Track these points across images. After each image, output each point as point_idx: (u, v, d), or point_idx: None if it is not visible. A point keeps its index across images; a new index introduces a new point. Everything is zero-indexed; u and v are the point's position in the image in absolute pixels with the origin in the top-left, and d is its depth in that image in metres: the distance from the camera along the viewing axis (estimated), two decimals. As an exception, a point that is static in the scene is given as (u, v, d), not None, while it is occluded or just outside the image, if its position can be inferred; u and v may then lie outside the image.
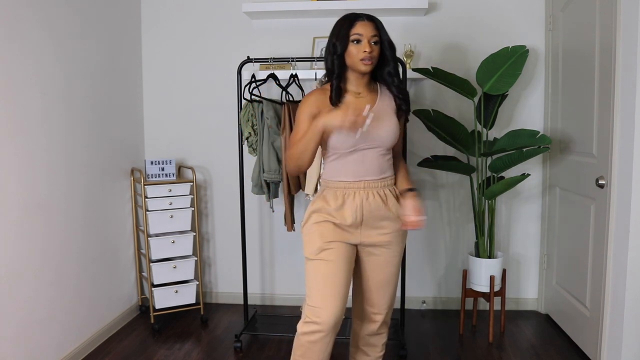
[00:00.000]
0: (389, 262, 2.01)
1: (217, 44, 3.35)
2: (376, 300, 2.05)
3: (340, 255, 1.91)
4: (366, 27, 1.86)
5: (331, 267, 1.89)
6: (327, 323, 1.84)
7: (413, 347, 2.82)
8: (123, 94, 3.18)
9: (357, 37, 1.85)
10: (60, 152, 2.54)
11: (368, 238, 1.95)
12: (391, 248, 1.99)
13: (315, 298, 1.88)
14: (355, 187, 1.92)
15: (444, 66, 3.09)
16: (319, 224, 1.93)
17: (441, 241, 3.37)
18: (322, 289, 1.88)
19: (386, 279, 2.02)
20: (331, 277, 1.88)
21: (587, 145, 2.61)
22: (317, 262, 1.91)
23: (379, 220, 1.95)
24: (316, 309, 1.86)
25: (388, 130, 1.92)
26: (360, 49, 1.85)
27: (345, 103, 1.91)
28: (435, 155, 3.08)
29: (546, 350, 2.78)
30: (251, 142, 2.89)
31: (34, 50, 2.34)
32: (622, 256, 2.25)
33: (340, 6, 3.03)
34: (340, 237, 1.92)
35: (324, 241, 1.90)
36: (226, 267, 3.51)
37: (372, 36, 1.86)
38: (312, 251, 1.92)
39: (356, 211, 1.91)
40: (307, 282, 1.93)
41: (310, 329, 1.86)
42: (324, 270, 1.89)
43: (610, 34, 2.32)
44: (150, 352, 2.79)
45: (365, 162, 1.92)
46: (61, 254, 2.55)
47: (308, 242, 1.95)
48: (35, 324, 2.35)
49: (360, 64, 1.86)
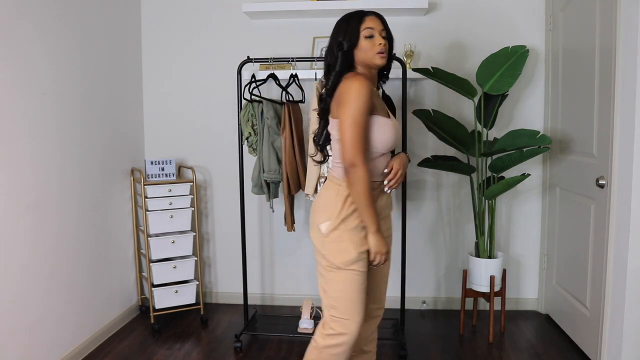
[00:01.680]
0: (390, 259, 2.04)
1: (217, 44, 3.35)
2: (381, 295, 2.08)
3: (367, 265, 1.87)
4: (376, 21, 1.86)
5: (362, 278, 1.84)
6: (353, 334, 1.82)
7: (413, 347, 2.82)
8: (123, 93, 3.18)
9: (370, 32, 1.84)
10: (59, 152, 2.54)
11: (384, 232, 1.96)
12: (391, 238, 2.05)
13: (344, 310, 1.83)
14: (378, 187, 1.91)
15: (444, 66, 3.10)
16: (352, 232, 1.83)
17: (441, 241, 3.37)
18: (353, 301, 1.83)
19: (387, 271, 2.08)
20: (361, 288, 1.84)
21: (587, 145, 2.61)
22: (349, 273, 1.83)
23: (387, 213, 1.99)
24: (345, 321, 1.82)
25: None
26: (375, 42, 1.84)
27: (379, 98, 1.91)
28: (435, 155, 3.08)
29: (546, 350, 2.78)
30: (251, 142, 2.89)
31: (33, 50, 2.34)
32: (622, 256, 2.25)
33: (340, 6, 3.03)
34: (367, 245, 1.85)
35: (358, 251, 1.83)
36: (226, 267, 3.51)
37: (382, 30, 1.86)
38: (345, 261, 1.82)
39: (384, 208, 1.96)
40: (334, 292, 1.85)
41: (336, 342, 1.82)
42: (357, 282, 1.83)
43: (610, 34, 2.32)
44: (150, 352, 2.79)
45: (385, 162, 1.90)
46: (61, 253, 2.55)
47: (340, 251, 1.83)
48: (35, 324, 2.35)
49: (376, 58, 1.84)
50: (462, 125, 2.94)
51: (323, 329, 1.87)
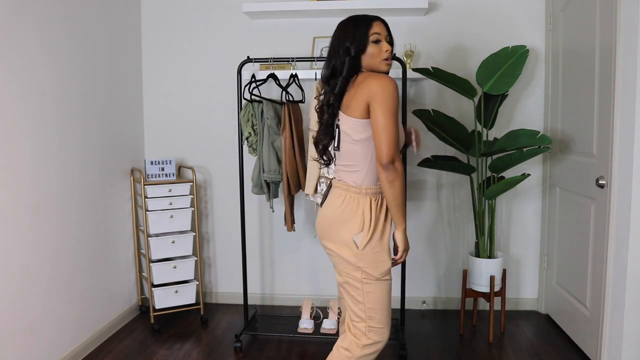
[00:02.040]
0: None
1: (217, 44, 3.35)
2: None
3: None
4: (381, 27, 1.87)
5: (392, 285, 1.91)
6: (386, 340, 1.88)
7: (413, 347, 2.82)
8: (123, 93, 3.18)
9: (377, 37, 1.84)
10: (59, 152, 2.54)
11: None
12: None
13: (380, 319, 1.86)
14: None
15: (444, 66, 3.10)
16: (384, 240, 1.86)
17: (441, 241, 3.37)
18: (388, 309, 1.88)
19: None
20: (391, 295, 1.91)
21: (587, 145, 2.61)
22: (385, 284, 1.86)
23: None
24: (381, 330, 1.86)
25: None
26: (382, 48, 1.84)
27: None
28: (435, 155, 3.08)
29: (546, 350, 2.78)
30: (251, 142, 2.89)
31: (33, 50, 2.34)
32: (622, 256, 2.25)
33: (340, 6, 3.03)
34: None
35: (390, 261, 1.87)
36: (226, 267, 3.51)
37: (387, 36, 1.88)
38: (383, 271, 1.84)
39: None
40: (372, 303, 1.84)
41: (372, 350, 1.86)
42: (389, 290, 1.89)
43: (610, 34, 2.32)
44: (150, 352, 2.79)
45: None
46: (61, 253, 2.55)
47: (378, 261, 1.83)
48: (35, 324, 2.35)
49: (382, 64, 1.85)
50: (462, 125, 2.94)
51: (358, 339, 1.86)
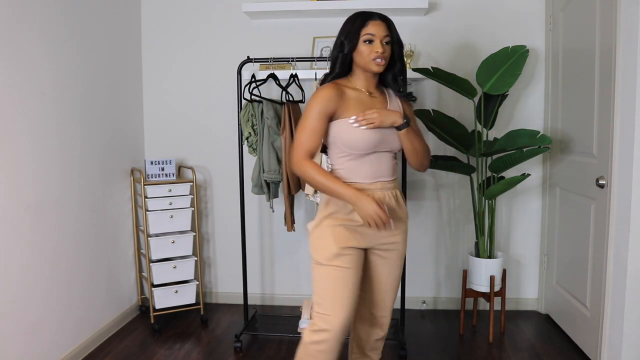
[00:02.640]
0: (398, 264, 2.02)
1: (217, 43, 3.35)
2: (385, 303, 2.03)
3: (354, 262, 1.87)
4: (379, 27, 1.83)
5: (345, 274, 1.84)
6: (336, 330, 1.81)
7: (413, 347, 2.82)
8: (123, 94, 3.18)
9: (369, 37, 1.83)
10: (59, 152, 2.54)
11: (381, 240, 1.93)
12: (400, 249, 2.00)
13: (326, 306, 1.83)
14: (372, 189, 1.89)
15: (444, 66, 3.10)
16: (334, 228, 1.87)
17: (441, 241, 3.37)
18: (334, 297, 1.83)
19: (395, 280, 2.03)
20: (344, 285, 1.84)
21: (587, 145, 2.61)
22: (330, 269, 1.84)
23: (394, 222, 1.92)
24: (327, 317, 1.82)
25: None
26: (373, 49, 1.83)
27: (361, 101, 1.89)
28: (435, 155, 3.08)
29: (546, 350, 2.78)
30: (251, 142, 2.89)
31: (33, 50, 2.34)
32: (622, 256, 2.25)
33: (340, 6, 3.03)
34: (354, 243, 1.87)
35: (339, 246, 1.84)
36: (226, 267, 3.51)
37: (384, 36, 1.84)
38: (325, 257, 1.85)
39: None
40: (316, 288, 1.87)
41: (319, 338, 1.82)
42: (338, 277, 1.84)
43: (610, 34, 2.32)
44: (150, 352, 2.79)
45: (381, 164, 1.91)
46: (60, 253, 2.55)
47: (321, 247, 1.88)
48: (35, 324, 2.35)
49: (372, 64, 1.84)
50: (462, 125, 2.94)
51: (310, 325, 1.88)
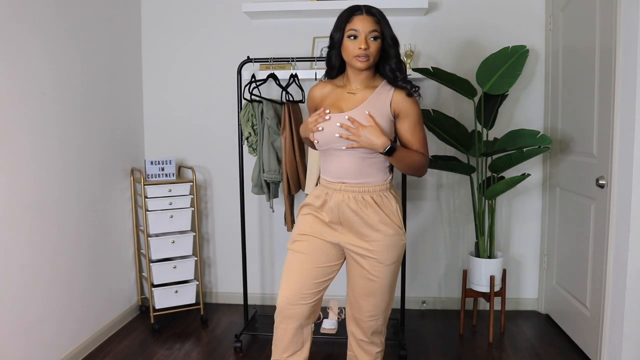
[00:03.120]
0: (377, 275, 1.88)
1: (217, 43, 3.35)
2: (361, 306, 1.96)
3: (310, 248, 1.93)
4: (364, 21, 1.77)
5: (297, 257, 1.94)
6: (280, 308, 1.92)
7: (413, 347, 2.82)
8: (123, 94, 3.18)
9: (352, 33, 1.78)
10: (59, 152, 2.54)
11: (348, 241, 1.90)
12: (377, 258, 1.86)
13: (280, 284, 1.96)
14: (335, 188, 1.89)
15: (444, 66, 3.10)
16: (302, 217, 2.00)
17: (441, 241, 3.37)
18: (284, 276, 1.95)
19: (373, 290, 1.91)
20: (293, 266, 1.94)
21: (587, 145, 2.61)
22: (289, 252, 1.98)
23: (359, 227, 1.86)
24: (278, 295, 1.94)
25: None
26: (356, 45, 1.77)
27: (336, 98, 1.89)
28: (435, 155, 3.08)
29: (546, 350, 2.78)
30: (251, 142, 2.89)
31: (33, 50, 2.34)
32: (622, 256, 2.25)
33: (341, 6, 2.97)
34: (315, 232, 1.94)
35: (298, 233, 1.97)
36: (226, 267, 3.50)
37: (370, 32, 1.77)
38: (289, 241, 2.01)
39: (332, 212, 1.90)
40: None
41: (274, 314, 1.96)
42: (291, 259, 1.96)
43: (610, 34, 2.32)
44: (150, 352, 2.79)
45: (341, 164, 1.86)
46: (61, 253, 2.55)
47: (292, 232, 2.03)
48: (35, 324, 2.35)
49: (354, 61, 1.79)
50: (462, 125, 2.94)
51: None
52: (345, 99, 1.88)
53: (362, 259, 1.90)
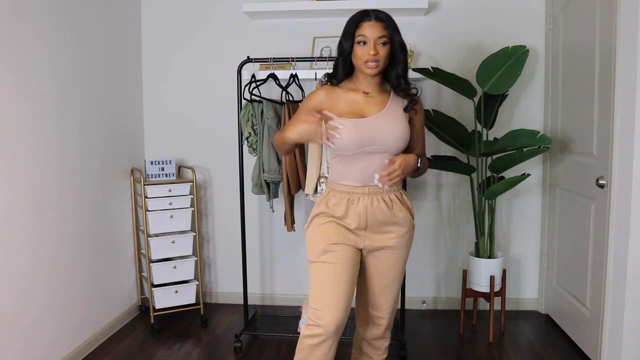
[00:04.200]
0: (393, 267, 1.96)
1: (217, 43, 3.35)
2: (380, 303, 2.01)
3: (344, 258, 1.86)
4: (373, 27, 1.79)
5: (334, 269, 1.85)
6: (329, 326, 1.80)
7: (413, 347, 2.82)
8: (123, 94, 3.18)
9: (362, 39, 1.79)
10: (59, 152, 2.54)
11: (373, 242, 1.92)
12: (396, 252, 1.95)
13: (317, 301, 1.84)
14: (360, 193, 1.87)
15: (444, 66, 3.10)
16: (322, 226, 1.90)
17: (441, 241, 3.37)
18: (324, 292, 1.84)
19: (389, 282, 1.98)
20: (333, 280, 1.84)
21: (587, 145, 2.61)
22: (320, 265, 1.87)
23: (384, 225, 1.91)
24: (319, 312, 1.82)
25: (395, 134, 1.84)
26: (365, 51, 1.79)
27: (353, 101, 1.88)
28: (435, 155, 3.08)
29: (546, 350, 2.78)
30: (251, 142, 2.89)
31: (33, 50, 2.34)
32: (622, 256, 2.25)
33: (340, 6, 3.03)
34: (344, 240, 1.88)
35: (327, 243, 1.86)
36: (226, 267, 3.51)
37: (379, 37, 1.78)
38: (315, 253, 1.89)
39: (359, 217, 1.88)
40: (310, 284, 1.90)
41: (312, 332, 1.82)
42: (327, 272, 1.85)
43: (610, 34, 2.32)
44: (150, 352, 2.79)
45: (370, 167, 1.85)
46: (61, 253, 2.55)
47: (311, 245, 1.92)
48: (35, 324, 2.35)
49: (364, 67, 1.81)
50: (462, 125, 2.94)
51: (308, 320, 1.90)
52: (364, 103, 1.88)
53: (383, 253, 1.94)
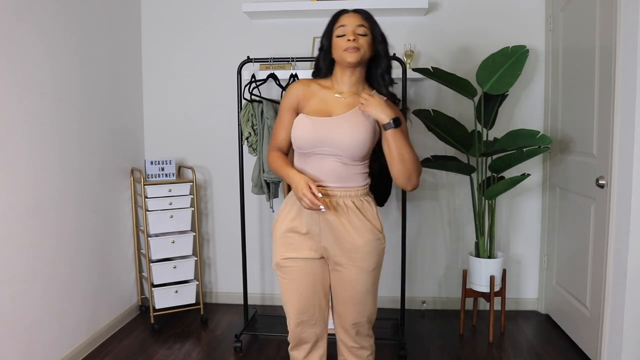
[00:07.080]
0: (356, 281, 1.82)
1: (217, 43, 3.35)
2: (345, 316, 1.89)
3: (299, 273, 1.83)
4: (351, 18, 1.80)
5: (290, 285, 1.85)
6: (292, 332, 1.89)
7: (413, 347, 2.82)
8: (123, 93, 3.18)
9: (342, 31, 1.78)
10: (59, 152, 2.54)
11: (328, 249, 1.81)
12: (356, 265, 1.80)
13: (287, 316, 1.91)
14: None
15: (444, 66, 3.10)
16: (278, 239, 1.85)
17: (441, 241, 3.37)
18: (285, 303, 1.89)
19: (353, 297, 1.84)
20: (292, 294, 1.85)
21: (587, 145, 2.61)
22: (280, 278, 1.88)
23: (340, 233, 1.79)
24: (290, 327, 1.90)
25: (352, 138, 1.74)
26: (344, 39, 1.76)
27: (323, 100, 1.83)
28: (435, 155, 3.08)
29: (546, 350, 2.78)
30: (251, 142, 2.89)
31: (33, 50, 2.34)
32: (622, 256, 2.25)
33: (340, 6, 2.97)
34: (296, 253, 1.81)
35: (280, 257, 1.84)
36: (226, 267, 3.50)
37: (357, 26, 1.77)
38: (274, 263, 1.88)
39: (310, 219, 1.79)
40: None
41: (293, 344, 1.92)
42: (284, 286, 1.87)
43: (610, 34, 2.32)
44: (150, 352, 2.79)
45: (322, 168, 1.78)
46: (60, 253, 2.55)
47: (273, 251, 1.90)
48: (35, 324, 2.35)
49: (345, 55, 1.75)
50: (462, 125, 2.94)
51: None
52: (333, 103, 1.83)
53: (342, 267, 1.82)
